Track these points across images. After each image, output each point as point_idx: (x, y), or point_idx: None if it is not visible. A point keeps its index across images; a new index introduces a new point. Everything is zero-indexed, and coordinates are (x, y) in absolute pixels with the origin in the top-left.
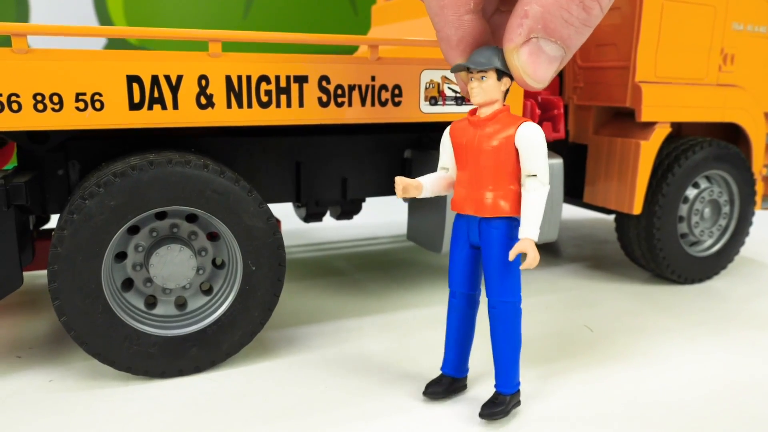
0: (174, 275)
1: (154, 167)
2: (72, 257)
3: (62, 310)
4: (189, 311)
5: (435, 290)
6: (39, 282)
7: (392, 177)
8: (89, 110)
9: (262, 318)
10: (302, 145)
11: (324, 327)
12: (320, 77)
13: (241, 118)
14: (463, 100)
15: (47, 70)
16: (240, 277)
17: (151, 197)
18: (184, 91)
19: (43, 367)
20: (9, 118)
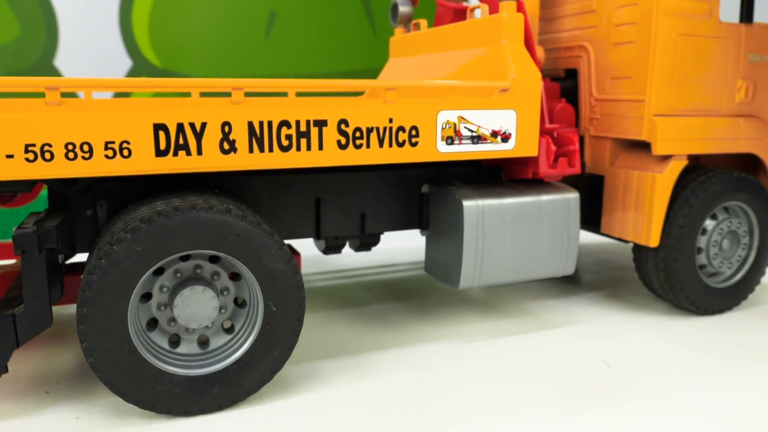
0: (197, 316)
1: (179, 213)
2: (100, 301)
3: (90, 352)
4: (211, 350)
5: (451, 322)
6: (66, 313)
7: (410, 211)
8: (117, 158)
9: (282, 357)
10: (322, 182)
11: (343, 361)
12: (339, 120)
13: (262, 162)
14: (480, 139)
15: (78, 120)
16: (261, 317)
17: (176, 242)
18: (208, 138)
19: (70, 404)
20: (42, 167)
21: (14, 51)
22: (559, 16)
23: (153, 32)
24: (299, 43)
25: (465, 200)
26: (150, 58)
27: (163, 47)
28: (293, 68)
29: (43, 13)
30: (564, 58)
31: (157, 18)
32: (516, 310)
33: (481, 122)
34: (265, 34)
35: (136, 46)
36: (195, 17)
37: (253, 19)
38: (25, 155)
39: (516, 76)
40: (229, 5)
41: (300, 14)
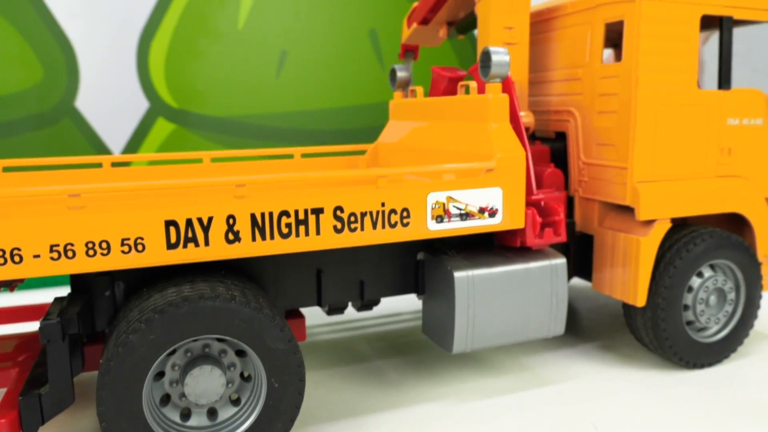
0: (206, 393)
1: (188, 303)
2: (117, 385)
3: (108, 430)
4: (220, 422)
5: (448, 380)
6: (84, 377)
7: (406, 277)
8: (132, 252)
9: (285, 429)
10: (322, 255)
11: (345, 425)
12: (335, 207)
13: (264, 249)
14: (468, 216)
15: (97, 221)
16: (264, 393)
17: (186, 329)
18: (215, 230)
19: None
20: (65, 264)
21: (38, 94)
22: (548, 81)
23: (169, 74)
24: (309, 80)
25: (456, 271)
26: (166, 99)
27: (178, 88)
28: (304, 104)
29: (64, 57)
30: (554, 120)
31: (172, 60)
32: (512, 364)
33: (469, 200)
34: (276, 72)
35: (152, 88)
36: (208, 58)
37: (264, 59)
38: (50, 254)
39: (501, 156)
40: (241, 46)
41: (310, 52)
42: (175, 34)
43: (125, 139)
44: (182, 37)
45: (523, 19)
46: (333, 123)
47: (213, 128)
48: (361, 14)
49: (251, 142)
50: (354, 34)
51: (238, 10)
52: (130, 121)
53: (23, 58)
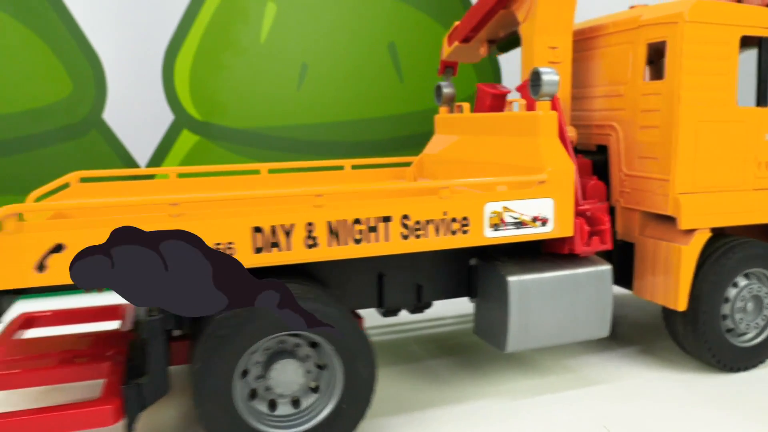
0: (289, 383)
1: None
2: (212, 380)
3: (206, 424)
4: (303, 409)
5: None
6: None
7: (460, 282)
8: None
9: (360, 415)
10: (384, 260)
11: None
12: (402, 216)
13: (339, 254)
14: (522, 224)
15: (195, 228)
16: (341, 382)
17: (269, 327)
18: (296, 236)
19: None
20: None
21: (67, 106)
22: (589, 96)
23: (193, 87)
24: (329, 93)
25: (509, 276)
26: (190, 112)
27: (202, 101)
28: (324, 117)
29: (93, 71)
30: (595, 134)
31: (197, 73)
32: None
33: (523, 210)
34: (297, 85)
35: (177, 101)
36: (232, 71)
37: (286, 72)
38: None
39: (552, 169)
40: (263, 59)
41: (330, 65)
42: (199, 48)
43: (151, 150)
44: (206, 50)
45: (567, 39)
46: (352, 135)
47: (236, 140)
48: (380, 28)
49: (273, 154)
50: (373, 48)
51: (260, 24)
52: (155, 133)
53: (53, 72)
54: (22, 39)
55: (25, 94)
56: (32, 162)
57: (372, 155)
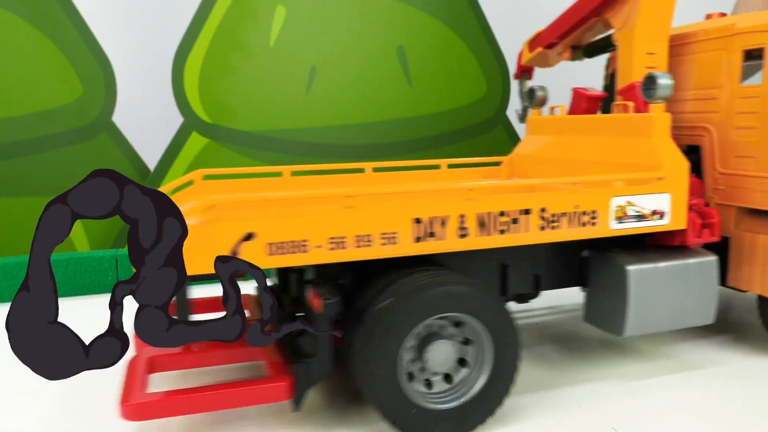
0: (443, 362)
1: (442, 286)
2: (380, 361)
3: (384, 408)
4: (456, 383)
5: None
6: None
7: (572, 272)
8: (389, 244)
9: (508, 386)
10: (508, 252)
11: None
12: (540, 209)
13: (485, 243)
14: (642, 218)
15: (364, 218)
16: (490, 361)
17: (436, 307)
18: (450, 227)
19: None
20: (339, 254)
21: (77, 109)
22: (680, 99)
23: (203, 90)
24: (338, 96)
25: (628, 266)
26: (200, 114)
27: (211, 104)
28: (332, 120)
29: (103, 73)
30: (686, 135)
31: (206, 76)
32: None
33: (644, 204)
34: (306, 88)
35: (186, 103)
36: (241, 75)
37: (295, 75)
38: (329, 245)
39: (669, 166)
40: (272, 62)
41: (339, 68)
42: (209, 51)
43: (160, 152)
44: (216, 53)
45: (664, 45)
46: (361, 138)
47: (244, 142)
48: (389, 32)
49: (281, 156)
50: (382, 51)
51: (269, 28)
52: (164, 136)
53: (63, 75)
54: (32, 41)
55: (35, 97)
56: (42, 164)
57: (379, 158)
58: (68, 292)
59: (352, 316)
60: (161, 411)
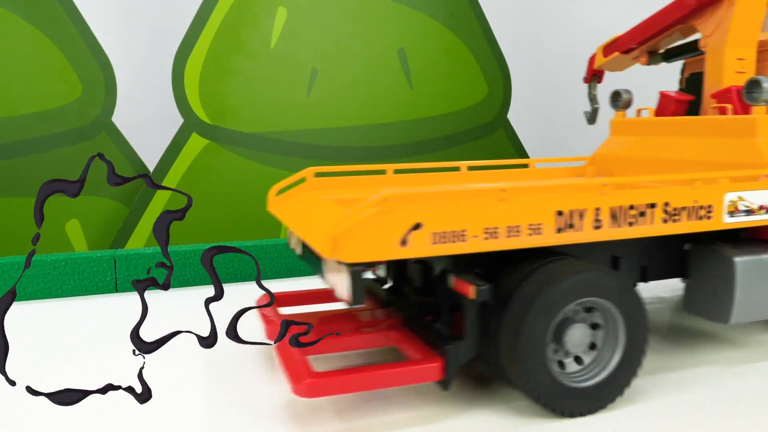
0: (578, 344)
1: (586, 273)
2: (531, 344)
3: (531, 385)
4: (587, 365)
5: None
6: None
7: (673, 264)
8: (534, 234)
9: (636, 367)
10: (619, 245)
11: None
12: (664, 203)
13: (616, 234)
14: (751, 212)
15: (513, 210)
16: (622, 343)
17: (580, 293)
18: (587, 219)
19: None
20: (492, 243)
21: (77, 109)
22: None
23: (203, 91)
24: (339, 98)
25: (735, 257)
26: (200, 115)
27: (211, 105)
28: (333, 122)
29: (103, 73)
30: None
31: (206, 77)
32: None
33: (753, 199)
34: (307, 90)
35: (187, 104)
36: (241, 76)
37: (295, 77)
38: (484, 235)
39: None
40: (273, 64)
41: (340, 70)
42: (209, 52)
43: (160, 153)
44: (216, 54)
45: (753, 51)
46: (361, 140)
47: (244, 144)
48: (390, 34)
49: (281, 158)
50: (383, 54)
51: (270, 29)
52: (164, 136)
53: (63, 75)
54: (33, 41)
55: (35, 97)
56: (42, 164)
57: (380, 161)
58: (66, 293)
59: (496, 302)
60: (332, 389)
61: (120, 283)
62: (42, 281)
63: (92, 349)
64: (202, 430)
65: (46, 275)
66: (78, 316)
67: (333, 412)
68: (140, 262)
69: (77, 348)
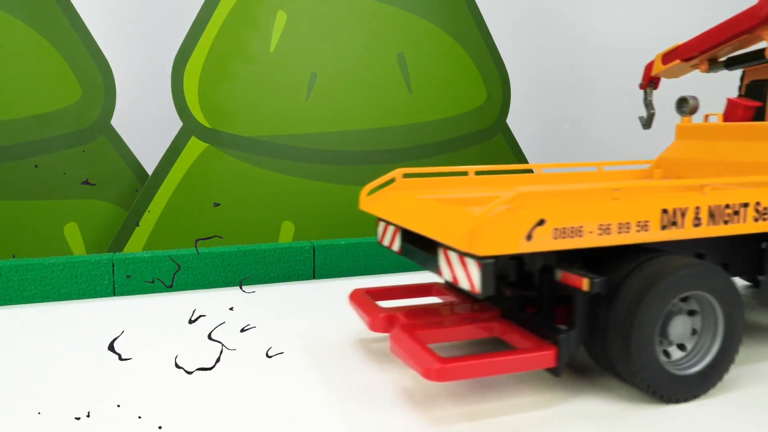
0: (681, 334)
1: (696, 266)
2: (643, 334)
3: (642, 374)
4: (689, 351)
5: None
6: None
7: (751, 262)
8: (642, 231)
9: (732, 358)
10: (704, 242)
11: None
12: (756, 202)
13: (713, 232)
14: None
15: (626, 208)
16: (720, 333)
17: (688, 284)
18: (688, 217)
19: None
20: (604, 239)
21: (76, 112)
22: None
23: (202, 94)
24: (338, 102)
25: None
26: (199, 119)
27: (211, 108)
28: (332, 126)
29: (102, 76)
30: None
31: (205, 81)
32: None
33: None
34: (306, 94)
35: (186, 108)
36: (241, 80)
37: (295, 81)
38: (598, 231)
39: None
40: (272, 68)
41: (339, 75)
42: (209, 56)
43: (158, 156)
44: (216, 58)
45: None
46: (361, 144)
47: (243, 148)
48: (389, 39)
49: (281, 162)
50: (382, 58)
51: (270, 33)
52: (163, 140)
53: (62, 78)
54: (32, 44)
55: (34, 99)
56: (40, 166)
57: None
58: (64, 296)
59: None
60: (461, 373)
61: (118, 286)
62: (40, 284)
63: (90, 353)
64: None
65: (44, 278)
66: (75, 320)
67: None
68: (138, 266)
69: (75, 352)
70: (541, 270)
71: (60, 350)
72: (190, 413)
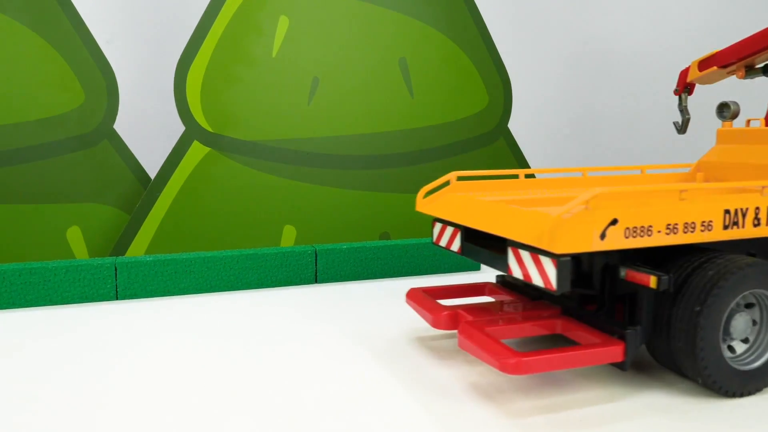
0: (744, 329)
1: (751, 265)
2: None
3: (708, 370)
4: (752, 343)
5: None
6: None
7: None
8: (706, 231)
9: None
10: (755, 242)
11: None
12: None
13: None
14: None
15: (692, 208)
16: None
17: (750, 283)
18: (748, 217)
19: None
20: (671, 238)
21: (79, 116)
22: None
23: (204, 99)
24: (340, 106)
25: None
26: (202, 123)
27: (213, 113)
28: (334, 130)
29: (105, 80)
30: None
31: (208, 85)
32: None
33: None
34: (308, 99)
35: (188, 112)
36: (243, 84)
37: (297, 85)
38: (666, 231)
39: None
40: (275, 72)
41: (341, 79)
42: (212, 60)
43: (161, 160)
44: (218, 63)
45: None
46: (363, 149)
47: (246, 152)
48: (391, 43)
49: (283, 166)
50: (384, 63)
51: (272, 38)
52: (166, 144)
53: (66, 82)
54: (35, 48)
55: (37, 104)
56: (43, 171)
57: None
58: (66, 300)
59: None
60: (537, 367)
61: (120, 290)
62: (42, 288)
63: (92, 357)
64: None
65: (47, 282)
66: (78, 324)
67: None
68: (141, 270)
69: (77, 355)
70: (603, 268)
71: (62, 354)
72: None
